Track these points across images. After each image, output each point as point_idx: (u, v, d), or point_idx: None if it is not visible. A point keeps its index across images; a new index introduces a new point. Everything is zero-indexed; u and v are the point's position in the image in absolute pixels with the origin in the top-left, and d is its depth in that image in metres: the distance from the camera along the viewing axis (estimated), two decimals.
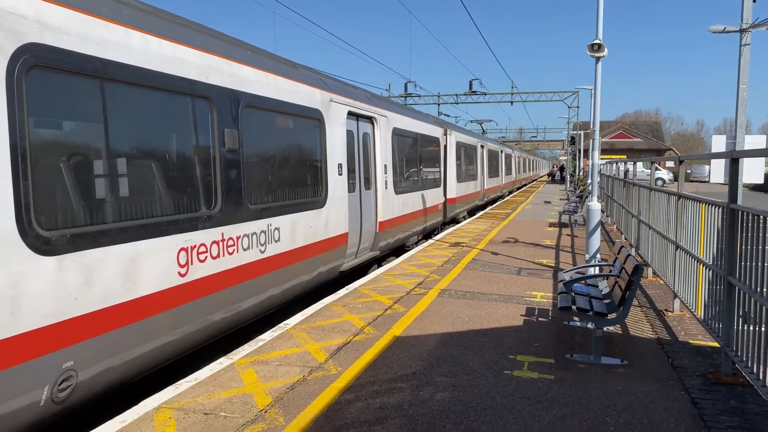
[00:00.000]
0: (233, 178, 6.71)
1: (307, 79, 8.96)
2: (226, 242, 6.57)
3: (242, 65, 7.06)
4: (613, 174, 18.92)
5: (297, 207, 8.30)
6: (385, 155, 12.48)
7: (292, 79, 8.35)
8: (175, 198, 5.83)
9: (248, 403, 4.95)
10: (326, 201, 9.26)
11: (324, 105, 9.28)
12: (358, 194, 10.97)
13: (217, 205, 6.43)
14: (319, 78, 9.71)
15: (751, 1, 9.82)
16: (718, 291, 5.78)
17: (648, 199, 10.14)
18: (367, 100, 11.75)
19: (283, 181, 8.01)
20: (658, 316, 7.81)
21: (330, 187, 9.43)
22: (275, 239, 7.63)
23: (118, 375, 5.09)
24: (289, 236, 8.04)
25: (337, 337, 6.81)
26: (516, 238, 15.64)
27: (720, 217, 5.84)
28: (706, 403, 5.00)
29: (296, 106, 8.35)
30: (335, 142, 9.69)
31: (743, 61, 10.28)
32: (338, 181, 9.79)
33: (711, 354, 6.25)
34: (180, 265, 5.79)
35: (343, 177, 9.99)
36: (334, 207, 9.59)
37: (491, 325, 7.30)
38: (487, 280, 10.06)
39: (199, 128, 6.25)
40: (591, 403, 5.00)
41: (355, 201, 10.79)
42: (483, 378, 5.52)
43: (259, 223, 7.24)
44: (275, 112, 7.82)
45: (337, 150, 9.79)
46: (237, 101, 6.83)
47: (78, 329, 4.61)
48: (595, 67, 10.49)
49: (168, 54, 5.72)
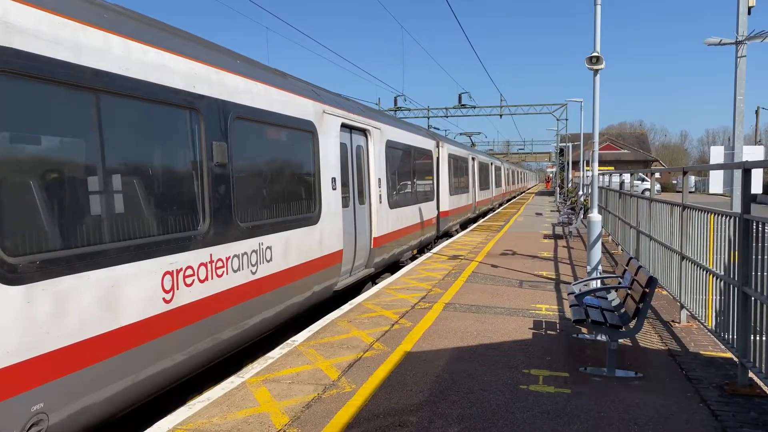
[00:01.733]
0: (222, 195, 6.30)
1: (300, 90, 8.59)
2: (215, 264, 6.11)
3: (231, 74, 6.70)
4: (607, 185, 19.04)
5: (290, 224, 7.86)
6: (379, 168, 12.14)
7: (283, 89, 7.97)
8: (158, 217, 5.36)
9: (265, 423, 4.85)
10: (320, 217, 8.84)
11: (317, 117, 8.91)
12: (352, 209, 10.60)
13: (206, 224, 6.00)
14: (312, 89, 9.38)
15: (747, 14, 9.99)
16: (732, 302, 5.78)
17: (648, 211, 10.18)
18: (360, 111, 11.39)
19: (275, 197, 7.58)
20: (665, 328, 7.80)
21: (324, 202, 9.01)
22: (267, 259, 7.18)
23: (96, 414, 4.63)
24: (282, 255, 7.59)
25: (347, 353, 6.72)
26: (513, 251, 15.65)
27: (732, 227, 5.85)
28: (727, 415, 4.97)
29: (288, 118, 7.95)
30: (329, 155, 9.31)
31: (739, 73, 10.41)
32: (332, 196, 9.39)
33: (724, 365, 6.24)
34: (165, 290, 5.32)
35: (336, 191, 9.58)
36: (328, 223, 9.17)
37: (501, 339, 7.25)
38: (490, 293, 10.02)
39: (186, 141, 5.82)
40: (611, 417, 4.96)
41: (349, 216, 10.39)
42: (500, 393, 5.46)
43: (250, 242, 6.81)
44: (266, 123, 7.43)
45: (331, 163, 9.41)
46: (226, 112, 6.46)
47: (49, 367, 4.13)
48: (593, 79, 10.56)
49: (151, 61, 5.31)
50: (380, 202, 12.06)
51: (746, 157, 10.66)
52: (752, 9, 10.31)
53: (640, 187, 35.32)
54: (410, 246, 14.90)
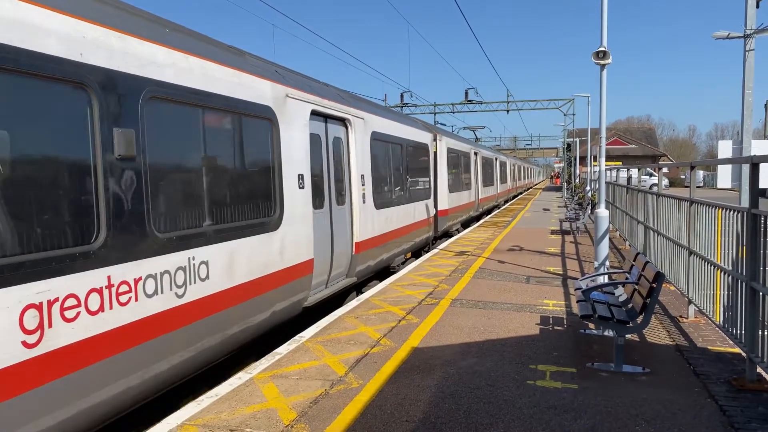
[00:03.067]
0: (129, 198, 4.92)
1: (253, 69, 7.14)
2: (117, 289, 4.74)
3: (145, 42, 5.24)
4: (614, 181, 18.98)
5: (237, 232, 6.43)
6: (363, 164, 10.68)
7: (228, 65, 6.53)
8: (17, 231, 3.99)
9: (273, 418, 4.88)
10: (281, 221, 7.42)
11: (277, 102, 7.47)
12: (327, 211, 9.21)
13: (101, 237, 4.62)
14: (274, 70, 7.91)
15: (755, 7, 9.92)
16: (740, 297, 5.76)
17: (656, 206, 10.14)
18: (338, 98, 9.97)
19: (215, 200, 6.15)
20: (673, 323, 7.78)
21: (287, 203, 7.58)
22: (201, 277, 5.79)
23: None
24: (225, 271, 6.20)
25: (354, 349, 6.74)
26: (520, 246, 15.63)
27: (740, 222, 5.82)
28: (735, 411, 4.96)
29: (235, 102, 6.53)
30: (294, 148, 7.87)
31: (748, 67, 10.35)
32: (299, 196, 7.95)
33: (732, 360, 6.22)
34: (26, 330, 3.95)
35: (305, 191, 8.15)
36: (294, 228, 7.74)
37: (507, 335, 7.25)
38: (497, 289, 10.02)
39: (69, 127, 4.47)
40: (619, 412, 4.96)
41: (323, 219, 9.02)
42: (507, 389, 5.47)
43: (174, 258, 5.39)
44: (202, 107, 5.99)
45: (297, 157, 7.96)
46: (136, 90, 5.06)
47: None
48: (600, 74, 10.53)
49: (5, 15, 3.96)
50: (363, 201, 10.65)
51: (755, 152, 10.60)
52: (761, 2, 10.24)
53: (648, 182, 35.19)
54: (402, 250, 13.57)
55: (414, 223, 14.49)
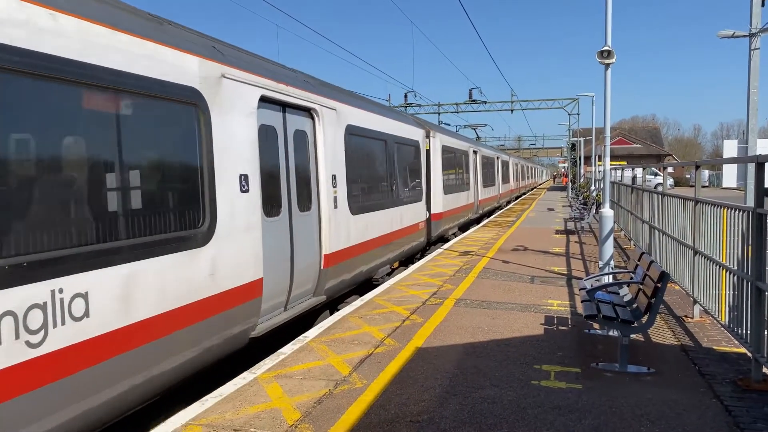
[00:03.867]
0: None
1: (172, 40, 5.64)
2: None
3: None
4: (619, 180, 18.94)
5: (136, 251, 4.94)
6: (334, 162, 9.23)
7: (129, 32, 5.03)
8: None
9: (277, 418, 4.89)
10: (212, 234, 5.96)
11: (208, 83, 6.04)
12: (284, 219, 7.71)
13: None
14: (208, 44, 6.41)
15: (760, 6, 9.88)
16: (745, 297, 5.74)
17: (661, 205, 10.11)
18: (303, 84, 8.50)
19: (99, 209, 4.68)
20: (678, 323, 7.76)
21: (222, 211, 6.13)
22: (75, 315, 4.33)
23: None
24: (118, 304, 4.71)
25: (358, 349, 6.74)
26: (525, 246, 15.61)
27: (745, 221, 5.80)
28: (740, 411, 4.94)
29: (136, 79, 5.03)
30: (233, 142, 6.42)
31: (753, 66, 10.31)
32: (240, 202, 6.48)
33: (737, 360, 6.20)
34: None
35: (250, 195, 6.68)
36: (232, 242, 6.30)
37: (512, 335, 7.24)
38: (501, 289, 10.01)
39: None
40: (623, 412, 4.94)
41: (279, 229, 7.52)
42: (511, 389, 5.46)
43: (22, 292, 3.93)
44: (79, 84, 4.54)
45: (238, 154, 6.50)
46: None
47: None
48: (604, 73, 10.50)
49: None
50: (335, 206, 9.17)
51: (760, 151, 10.56)
52: (766, 1, 10.20)
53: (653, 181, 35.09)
54: (387, 260, 12.13)
55: (402, 229, 13.07)
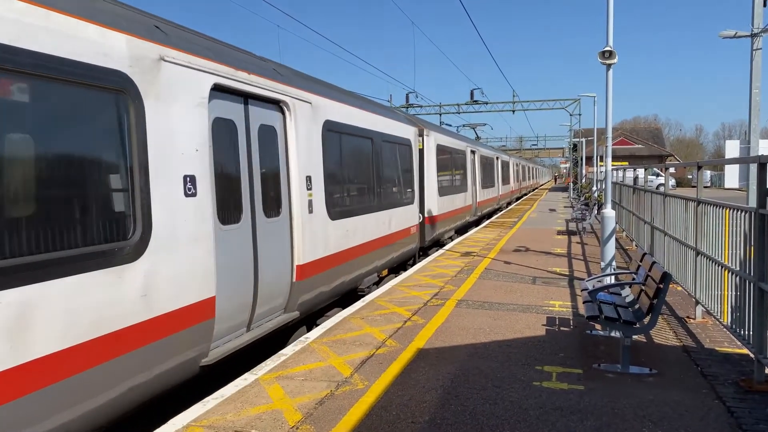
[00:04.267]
0: None
1: (88, 13, 4.66)
2: None
3: None
4: (620, 181, 18.91)
5: (39, 270, 4.06)
6: (310, 162, 8.22)
7: (30, 1, 4.18)
8: None
9: (278, 419, 4.88)
10: (146, 248, 5.04)
11: (141, 66, 5.11)
12: (246, 226, 6.73)
13: None
14: (152, 24, 5.50)
15: (762, 6, 9.86)
16: (748, 297, 5.72)
17: (663, 206, 10.10)
18: (270, 73, 7.45)
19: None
20: (680, 324, 7.74)
21: (159, 219, 5.20)
22: None
23: None
24: (5, 341, 3.83)
25: (360, 350, 6.74)
26: (526, 247, 15.59)
27: (748, 222, 5.79)
28: (743, 412, 4.93)
29: (39, 59, 4.17)
30: (175, 137, 5.46)
31: (755, 66, 10.30)
32: (186, 208, 5.55)
33: (740, 361, 6.19)
34: None
35: (199, 199, 5.73)
36: (173, 256, 5.34)
37: (513, 336, 7.23)
38: (503, 290, 10.00)
39: None
40: (625, 413, 4.93)
41: (239, 238, 6.58)
42: (513, 390, 5.45)
43: None
44: None
45: (183, 151, 5.56)
46: None
47: None
48: (606, 74, 10.48)
49: None
50: (310, 211, 8.21)
51: (762, 151, 10.54)
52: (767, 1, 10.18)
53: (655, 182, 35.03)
54: (374, 268, 11.09)
55: (391, 234, 12.04)
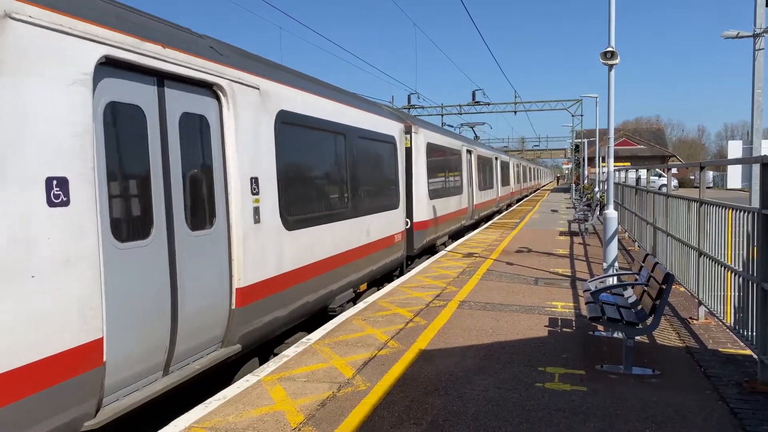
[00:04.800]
0: None
1: None
2: None
3: None
4: (623, 181, 18.88)
5: None
6: (257, 161, 6.82)
7: None
8: None
9: (280, 421, 4.87)
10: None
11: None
12: (161, 242, 5.34)
13: None
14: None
15: (764, 6, 9.84)
16: (751, 298, 5.70)
17: (665, 207, 10.08)
18: (200, 50, 6.02)
19: None
20: (683, 325, 7.72)
21: (5, 238, 3.83)
22: None
23: None
24: None
25: (362, 351, 6.73)
26: (529, 248, 15.57)
27: (751, 223, 5.77)
28: (746, 413, 4.91)
29: None
30: (31, 126, 4.06)
31: (757, 66, 10.27)
32: (50, 221, 4.16)
33: (743, 362, 6.16)
34: None
35: (73, 209, 4.34)
36: (27, 287, 3.98)
37: (516, 337, 7.22)
38: (505, 291, 9.98)
39: None
40: (628, 415, 4.92)
41: (147, 257, 5.16)
42: (515, 391, 5.44)
43: None
44: None
45: (43, 145, 4.14)
46: None
47: None
48: (608, 74, 10.47)
49: None
50: (257, 221, 6.76)
51: (765, 152, 10.51)
52: None
53: (657, 183, 34.98)
54: (348, 283, 9.61)
55: (370, 243, 10.56)
